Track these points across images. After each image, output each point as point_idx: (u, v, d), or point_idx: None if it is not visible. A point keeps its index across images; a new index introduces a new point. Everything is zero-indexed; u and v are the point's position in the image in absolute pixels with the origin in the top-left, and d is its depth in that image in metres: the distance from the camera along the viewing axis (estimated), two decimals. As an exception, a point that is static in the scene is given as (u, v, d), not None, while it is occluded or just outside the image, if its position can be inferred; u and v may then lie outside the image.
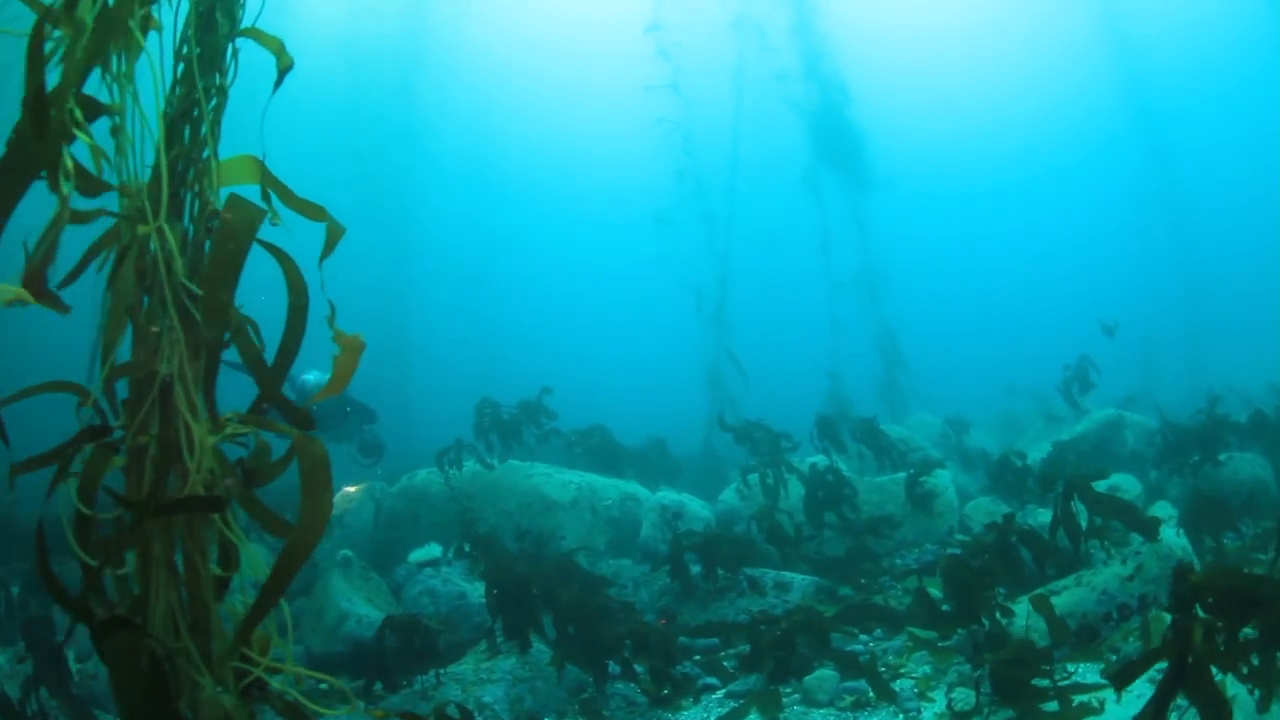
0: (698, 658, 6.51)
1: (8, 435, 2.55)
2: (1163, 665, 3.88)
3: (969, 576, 6.44)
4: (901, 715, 5.25)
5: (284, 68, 2.78)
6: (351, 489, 10.44)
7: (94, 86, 2.52)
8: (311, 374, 9.99)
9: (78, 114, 2.36)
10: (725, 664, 6.35)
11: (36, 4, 2.34)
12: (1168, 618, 6.52)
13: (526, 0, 27.28)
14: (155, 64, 2.46)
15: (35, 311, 2.52)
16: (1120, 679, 4.09)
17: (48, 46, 2.34)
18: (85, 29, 2.36)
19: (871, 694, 5.48)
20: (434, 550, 8.08)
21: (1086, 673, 5.43)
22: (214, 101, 2.62)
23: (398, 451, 11.69)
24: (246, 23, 2.81)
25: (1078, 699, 4.97)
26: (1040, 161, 36.42)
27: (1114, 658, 5.69)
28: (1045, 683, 5.04)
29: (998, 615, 6.17)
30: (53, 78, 2.37)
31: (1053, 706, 4.90)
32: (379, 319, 25.11)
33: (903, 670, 6.04)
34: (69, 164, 2.38)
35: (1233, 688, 3.95)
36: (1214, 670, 3.77)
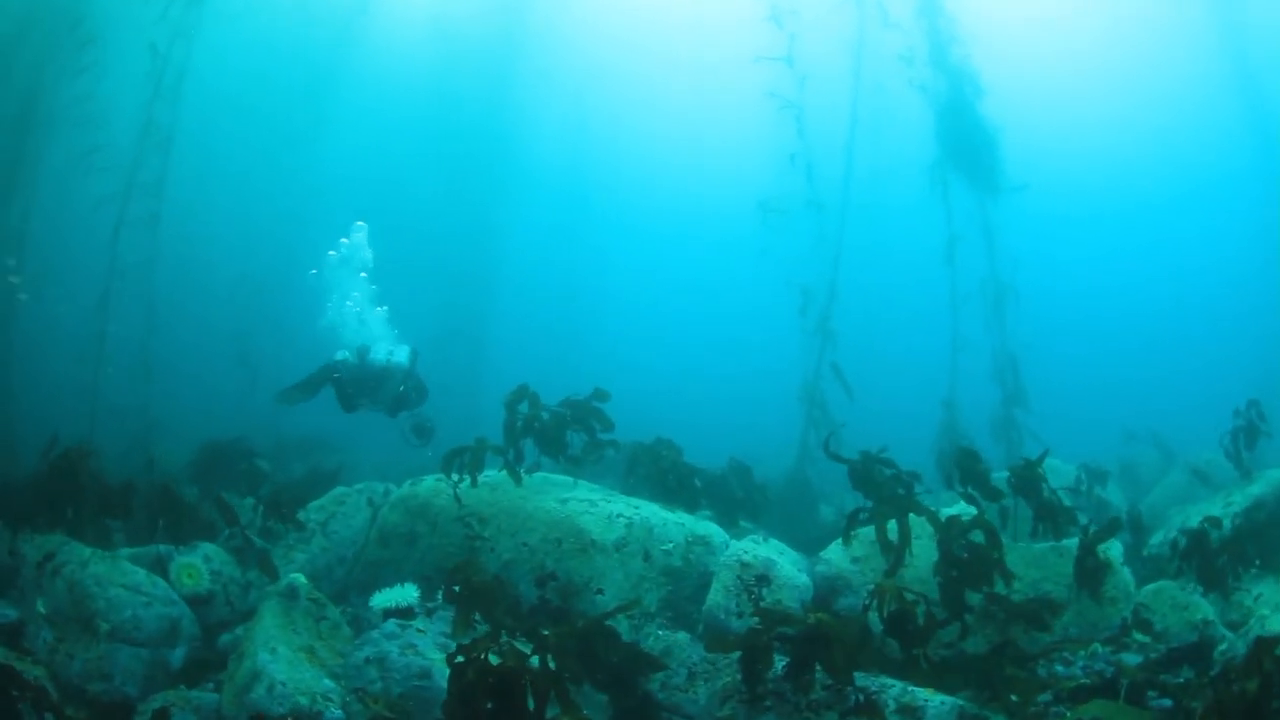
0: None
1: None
2: None
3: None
4: None
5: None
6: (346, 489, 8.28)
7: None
8: (380, 350, 10.27)
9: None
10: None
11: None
12: None
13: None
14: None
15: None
16: None
17: None
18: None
19: None
20: (407, 594, 5.74)
21: None
22: None
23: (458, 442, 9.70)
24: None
25: None
26: (1160, 188, 33.33)
27: None
28: None
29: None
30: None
31: None
32: (456, 303, 23.26)
33: None
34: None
35: None
36: None
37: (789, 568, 6.17)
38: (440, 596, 5.78)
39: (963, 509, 7.64)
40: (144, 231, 16.31)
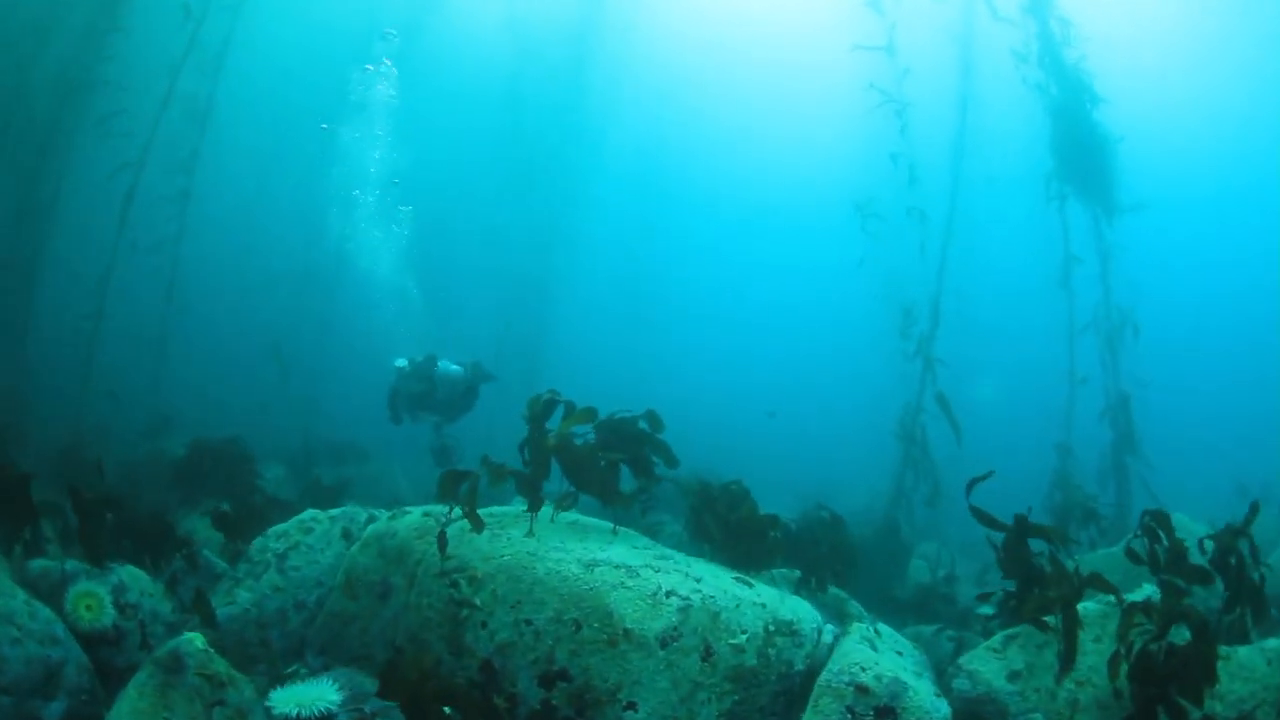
0: None
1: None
2: None
3: None
4: None
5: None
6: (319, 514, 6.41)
7: None
8: (444, 362, 10.63)
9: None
10: None
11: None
12: None
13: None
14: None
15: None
16: None
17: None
18: None
19: None
20: (323, 694, 3.78)
21: None
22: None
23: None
24: None
25: None
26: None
27: None
28: None
29: None
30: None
31: None
32: (519, 302, 21.81)
33: None
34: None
35: None
36: None
37: (923, 690, 4.06)
38: (381, 704, 3.82)
39: (1150, 592, 5.56)
40: (172, 208, 15.36)
